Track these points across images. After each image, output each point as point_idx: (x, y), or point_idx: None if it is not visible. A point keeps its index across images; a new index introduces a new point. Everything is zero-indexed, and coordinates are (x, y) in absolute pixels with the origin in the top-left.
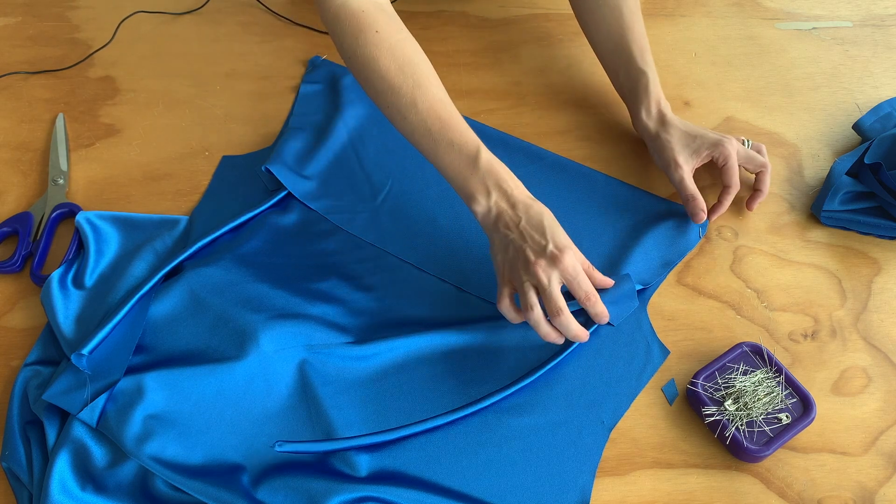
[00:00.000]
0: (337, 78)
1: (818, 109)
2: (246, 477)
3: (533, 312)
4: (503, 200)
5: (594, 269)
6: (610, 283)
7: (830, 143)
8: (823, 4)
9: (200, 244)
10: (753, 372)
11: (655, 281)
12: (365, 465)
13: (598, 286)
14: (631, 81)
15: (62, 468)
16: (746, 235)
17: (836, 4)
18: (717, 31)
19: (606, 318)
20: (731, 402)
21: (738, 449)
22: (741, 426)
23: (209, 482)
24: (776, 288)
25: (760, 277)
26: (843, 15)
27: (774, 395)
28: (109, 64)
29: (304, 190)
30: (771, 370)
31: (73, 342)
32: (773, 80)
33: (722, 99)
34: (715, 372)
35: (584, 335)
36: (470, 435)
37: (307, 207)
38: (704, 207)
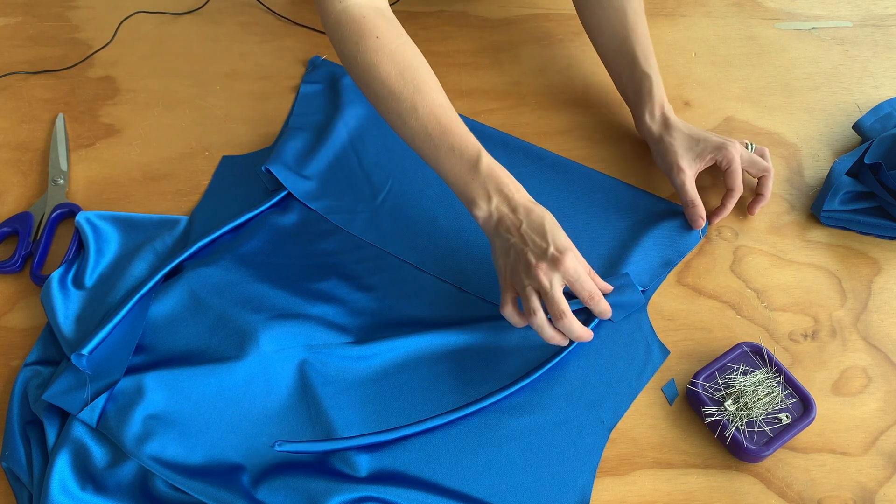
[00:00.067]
0: (337, 78)
1: (818, 109)
2: (246, 477)
3: (536, 317)
4: (504, 205)
5: (595, 273)
6: (609, 288)
7: (830, 143)
8: (823, 4)
9: (200, 244)
10: (753, 372)
11: (655, 281)
12: (365, 465)
13: None
14: (634, 84)
15: (62, 468)
16: (746, 235)
17: (836, 4)
18: (717, 31)
19: (610, 314)
20: (731, 402)
21: (738, 449)
22: (741, 426)
23: (209, 482)
24: (776, 288)
25: (760, 277)
26: (843, 15)
27: (774, 395)
28: (109, 64)
29: (303, 190)
30: (771, 370)
31: (73, 342)
32: (773, 80)
33: (722, 99)
34: (715, 372)
35: (588, 336)
36: (470, 435)
37: (307, 207)
38: (703, 214)
